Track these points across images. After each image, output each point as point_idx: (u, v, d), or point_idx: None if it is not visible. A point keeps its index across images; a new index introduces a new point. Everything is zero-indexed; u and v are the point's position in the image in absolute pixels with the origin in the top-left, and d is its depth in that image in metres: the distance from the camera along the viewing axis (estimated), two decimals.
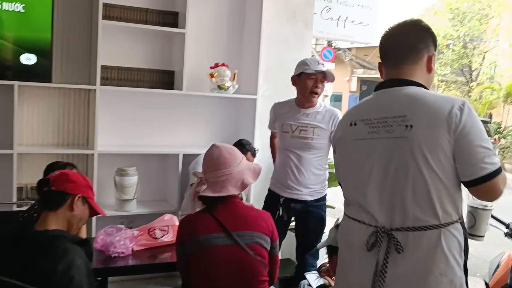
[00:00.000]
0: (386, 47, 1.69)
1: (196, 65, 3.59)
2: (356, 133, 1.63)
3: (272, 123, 3.19)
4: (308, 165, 2.91)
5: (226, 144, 2.03)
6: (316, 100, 2.97)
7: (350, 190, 1.69)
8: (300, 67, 2.93)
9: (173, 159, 3.56)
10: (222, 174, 1.92)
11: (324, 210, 3.03)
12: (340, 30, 4.68)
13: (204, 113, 3.83)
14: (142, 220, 3.32)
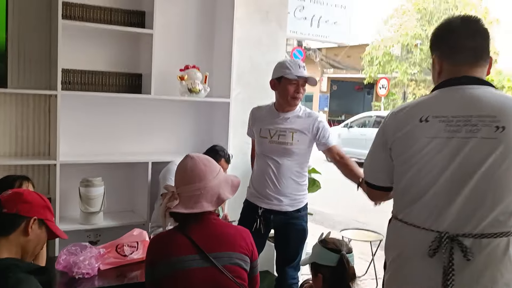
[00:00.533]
0: (461, 44, 1.59)
1: (165, 68, 3.40)
2: (429, 130, 1.52)
3: (249, 129, 3.03)
4: (288, 172, 2.76)
5: (201, 155, 1.86)
6: (298, 104, 2.82)
7: (410, 191, 1.57)
8: (279, 71, 2.76)
9: (142, 167, 3.36)
10: (196, 188, 1.75)
11: (305, 221, 2.88)
12: (313, 30, 4.56)
13: (175, 118, 3.64)
14: (109, 233, 3.14)
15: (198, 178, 1.75)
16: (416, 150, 1.53)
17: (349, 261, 1.86)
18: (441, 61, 1.63)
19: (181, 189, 1.76)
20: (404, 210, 1.59)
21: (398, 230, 1.61)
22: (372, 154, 1.74)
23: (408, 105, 1.65)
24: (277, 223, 2.82)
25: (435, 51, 1.67)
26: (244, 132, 3.75)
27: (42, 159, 3.09)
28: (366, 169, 1.79)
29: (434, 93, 1.62)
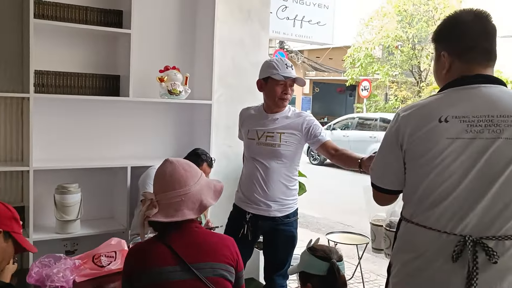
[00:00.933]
0: (476, 44, 1.55)
1: (143, 69, 3.28)
2: (450, 131, 1.46)
3: (239, 131, 2.94)
4: (276, 176, 2.66)
5: (181, 159, 1.75)
6: (286, 105, 2.72)
7: (431, 195, 1.50)
8: (266, 71, 2.66)
9: (121, 172, 3.23)
10: (177, 194, 1.64)
11: (295, 227, 2.78)
12: (296, 30, 4.48)
13: (154, 121, 3.52)
14: (87, 242, 3.01)
15: (178, 184, 1.65)
16: (437, 152, 1.47)
17: (340, 270, 1.77)
18: (452, 59, 1.58)
19: (161, 196, 1.65)
20: (423, 213, 1.52)
21: (414, 234, 1.55)
22: (382, 157, 1.66)
23: (419, 104, 1.57)
24: (265, 229, 2.72)
25: (445, 48, 1.60)
26: (227, 135, 3.68)
27: (15, 165, 2.94)
28: (375, 172, 1.70)
29: (448, 92, 1.56)
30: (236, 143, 3.50)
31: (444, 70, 1.60)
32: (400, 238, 1.64)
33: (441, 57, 1.60)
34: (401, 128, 1.55)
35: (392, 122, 1.61)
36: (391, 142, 1.59)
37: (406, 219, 1.60)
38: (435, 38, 1.65)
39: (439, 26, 1.65)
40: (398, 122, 1.57)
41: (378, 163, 1.69)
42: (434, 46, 1.68)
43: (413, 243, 1.56)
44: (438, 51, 1.63)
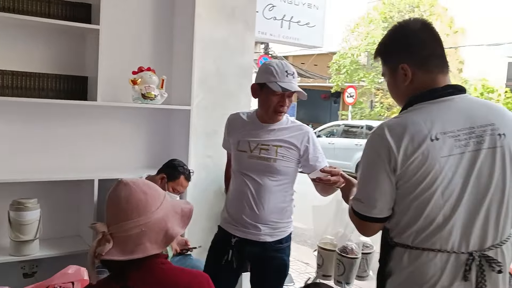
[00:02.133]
0: (432, 51, 1.53)
1: (114, 70, 2.96)
2: (442, 148, 1.42)
3: (225, 140, 2.57)
4: (270, 195, 2.31)
5: (138, 180, 1.43)
6: (282, 118, 2.39)
7: (437, 218, 1.44)
8: (263, 75, 2.30)
9: (87, 186, 2.88)
10: (136, 224, 1.32)
11: (287, 254, 2.44)
12: (284, 31, 4.18)
13: (126, 128, 3.18)
14: (49, 264, 2.69)
15: (137, 212, 1.33)
16: (436, 173, 1.41)
17: None
18: (413, 70, 1.53)
19: (115, 228, 1.33)
20: (429, 237, 1.45)
21: (425, 260, 1.46)
22: (372, 184, 1.49)
23: (401, 123, 1.46)
24: (252, 255, 2.38)
25: (403, 59, 1.54)
26: (207, 144, 3.35)
27: None
28: (367, 201, 1.51)
29: (421, 106, 1.50)
30: (218, 153, 3.18)
31: (406, 82, 1.54)
32: (405, 269, 1.48)
33: (399, 70, 1.54)
34: (392, 150, 1.43)
35: (375, 145, 1.48)
36: (381, 167, 1.46)
37: (407, 245, 1.48)
38: (389, 50, 1.60)
39: (389, 38, 1.62)
40: (386, 145, 1.44)
41: (366, 190, 1.52)
42: (385, 60, 1.62)
43: (424, 272, 1.45)
44: (394, 64, 1.56)
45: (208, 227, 3.30)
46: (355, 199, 1.54)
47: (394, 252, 1.51)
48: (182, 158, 2.99)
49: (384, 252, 1.57)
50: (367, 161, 1.51)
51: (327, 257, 2.14)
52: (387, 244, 1.54)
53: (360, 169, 1.52)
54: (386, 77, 1.66)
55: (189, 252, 2.90)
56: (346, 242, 2.07)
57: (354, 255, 1.98)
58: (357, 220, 1.56)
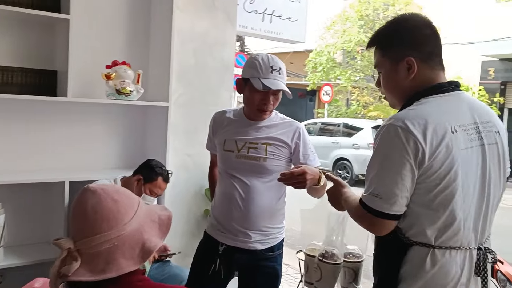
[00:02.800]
0: (437, 45, 1.54)
1: (86, 64, 2.77)
2: (460, 141, 1.42)
3: (210, 140, 2.37)
4: (260, 197, 2.13)
5: (108, 186, 1.25)
6: (267, 117, 2.21)
7: (459, 215, 1.43)
8: (247, 70, 2.13)
9: (57, 188, 2.68)
10: (106, 239, 1.15)
11: (279, 263, 2.26)
12: (265, 25, 4.02)
13: (99, 126, 2.98)
14: (16, 273, 2.51)
15: (107, 224, 1.15)
16: (458, 167, 1.40)
17: None
18: (418, 64, 1.50)
19: (82, 244, 1.14)
20: (453, 235, 1.43)
21: (445, 258, 1.43)
22: (399, 178, 1.39)
23: (420, 115, 1.42)
24: (242, 264, 2.21)
25: (410, 53, 1.50)
26: (186, 142, 3.18)
27: None
28: (387, 197, 1.40)
29: (432, 99, 1.47)
30: (197, 151, 3.02)
31: (410, 76, 1.51)
32: (428, 270, 1.42)
33: (403, 63, 1.50)
34: (419, 142, 1.37)
35: (398, 137, 1.38)
36: (406, 161, 1.38)
37: (429, 245, 1.42)
38: (392, 42, 1.54)
39: (392, 29, 1.56)
40: (411, 137, 1.38)
41: (387, 186, 1.41)
42: (386, 51, 1.56)
43: (448, 271, 1.43)
44: (398, 56, 1.52)
45: (188, 231, 3.13)
46: (371, 195, 1.42)
47: (411, 253, 1.44)
48: (159, 158, 2.82)
49: (394, 254, 1.47)
50: (387, 155, 1.41)
51: (310, 263, 1.99)
52: (402, 245, 1.45)
53: (378, 163, 1.42)
54: (383, 70, 1.58)
55: (168, 258, 2.72)
56: (328, 247, 1.92)
57: (334, 261, 1.83)
58: (369, 219, 1.43)
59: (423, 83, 1.50)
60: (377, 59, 1.59)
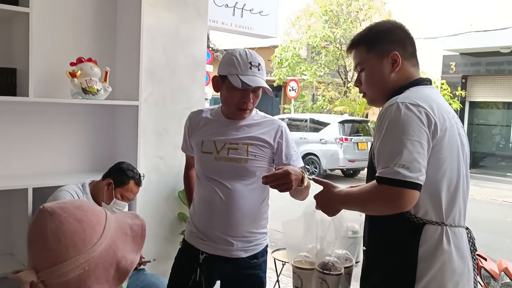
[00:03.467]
0: (415, 48, 1.65)
1: (49, 61, 2.60)
2: (455, 127, 1.53)
3: (186, 142, 2.23)
4: (242, 202, 2.00)
5: (67, 203, 1.07)
6: (247, 116, 2.09)
7: (454, 192, 1.50)
8: (224, 67, 2.00)
9: (19, 196, 2.50)
10: (75, 265, 0.99)
11: (264, 270, 2.14)
12: (236, 20, 3.89)
13: (65, 127, 2.80)
14: None
15: (73, 248, 0.99)
16: (459, 145, 1.52)
17: None
18: (403, 60, 1.59)
19: (47, 274, 0.99)
20: (458, 215, 1.52)
21: (457, 236, 1.50)
22: (420, 146, 1.40)
23: (421, 96, 1.50)
24: (224, 274, 2.09)
25: (398, 49, 1.59)
26: (158, 143, 3.03)
27: None
28: (413, 166, 1.37)
29: (419, 88, 1.56)
30: (170, 153, 2.88)
31: (396, 70, 1.58)
32: (446, 250, 1.45)
33: (388, 59, 1.58)
34: (431, 115, 1.44)
35: (411, 111, 1.43)
36: (423, 131, 1.42)
37: (441, 223, 1.47)
38: (380, 38, 1.61)
39: (379, 27, 1.65)
40: (423, 110, 1.44)
41: (410, 155, 1.38)
42: (372, 47, 1.61)
43: (461, 249, 1.49)
44: (384, 51, 1.59)
45: (162, 236, 2.99)
46: (397, 166, 1.36)
47: (426, 233, 1.46)
48: (130, 160, 2.67)
49: (408, 236, 1.47)
50: (404, 127, 1.41)
51: (306, 277, 1.85)
52: (414, 226, 1.46)
53: (394, 137, 1.41)
54: (367, 66, 1.63)
55: (143, 266, 2.57)
56: (325, 257, 1.81)
57: (337, 271, 1.73)
58: (396, 192, 1.37)
59: (406, 78, 1.59)
60: (360, 57, 1.65)
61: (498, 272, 2.44)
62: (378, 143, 1.46)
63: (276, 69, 18.76)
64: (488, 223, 7.35)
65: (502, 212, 8.72)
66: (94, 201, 2.48)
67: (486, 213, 7.85)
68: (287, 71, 18.14)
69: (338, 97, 17.70)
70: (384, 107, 1.49)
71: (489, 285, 2.43)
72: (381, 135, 1.44)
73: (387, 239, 1.53)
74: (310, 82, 18.54)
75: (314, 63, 18.45)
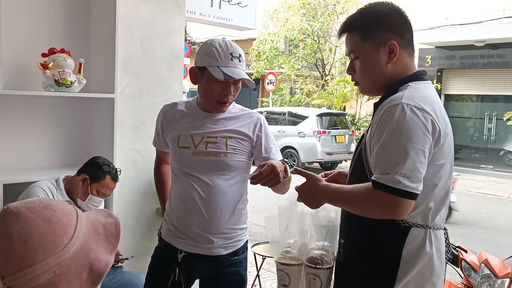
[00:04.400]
0: (412, 34, 1.55)
1: (19, 52, 2.49)
2: (449, 127, 1.47)
3: (158, 137, 2.14)
4: (222, 197, 1.94)
5: (34, 202, 0.98)
6: (227, 109, 2.02)
7: (444, 196, 1.48)
8: (204, 58, 1.92)
9: None
10: (44, 269, 0.91)
11: (244, 267, 2.10)
12: (214, 11, 3.82)
13: (37, 121, 2.69)
14: None
15: (42, 251, 0.91)
16: (452, 148, 1.48)
17: None
18: (400, 49, 1.49)
19: (14, 279, 0.91)
20: (443, 217, 1.51)
21: (438, 238, 1.48)
22: (423, 155, 1.35)
23: (425, 97, 1.43)
24: (204, 273, 2.03)
25: (395, 37, 1.49)
26: (135, 137, 2.95)
27: None
28: (413, 175, 1.32)
29: (423, 85, 1.49)
30: (147, 147, 2.80)
31: (393, 60, 1.48)
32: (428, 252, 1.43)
33: (384, 48, 1.48)
34: (436, 122, 1.39)
35: (417, 116, 1.36)
36: (427, 139, 1.37)
37: (426, 225, 1.44)
38: (375, 26, 1.49)
39: (372, 14, 1.52)
40: (429, 117, 1.38)
41: (414, 165, 1.33)
42: (367, 36, 1.50)
43: (440, 251, 1.48)
44: (380, 40, 1.49)
45: (140, 232, 2.92)
46: (398, 175, 1.31)
47: (411, 235, 1.43)
48: (106, 154, 2.58)
49: (394, 238, 1.44)
50: (409, 133, 1.34)
51: (294, 274, 1.78)
52: (401, 229, 1.43)
53: (397, 142, 1.35)
54: (362, 55, 1.53)
55: (120, 264, 2.50)
56: (312, 251, 1.76)
57: (328, 264, 1.68)
58: (392, 201, 1.32)
59: (403, 69, 1.51)
60: (354, 44, 1.53)
61: (479, 264, 2.46)
62: (377, 144, 1.39)
63: (254, 62, 18.69)
64: (464, 214, 7.46)
65: (476, 203, 8.88)
66: (69, 197, 2.40)
67: (462, 204, 7.97)
68: (265, 64, 18.10)
69: (316, 90, 17.73)
70: (385, 105, 1.41)
71: (470, 277, 2.44)
72: (382, 136, 1.37)
73: (370, 237, 1.50)
74: (288, 75, 18.53)
75: (292, 56, 18.44)
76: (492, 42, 12.94)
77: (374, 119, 1.45)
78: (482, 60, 13.82)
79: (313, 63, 18.30)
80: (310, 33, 17.23)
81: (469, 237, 6.14)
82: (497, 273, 2.42)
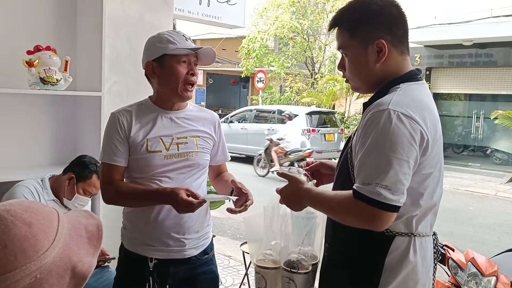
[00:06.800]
0: (406, 28, 1.45)
1: (4, 49, 2.48)
2: (439, 132, 1.41)
3: (116, 149, 1.89)
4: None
5: (14, 205, 0.94)
6: (191, 95, 1.98)
7: (432, 200, 1.42)
8: (157, 49, 1.87)
9: None
10: (25, 274, 0.88)
11: (215, 264, 2.07)
12: (203, 9, 3.80)
13: (22, 119, 2.67)
14: None
15: (23, 256, 0.89)
16: (439, 154, 1.42)
17: None
18: (390, 48, 1.41)
19: None
20: (428, 224, 1.45)
21: (424, 246, 1.44)
22: (407, 167, 1.29)
23: (415, 103, 1.36)
24: (177, 277, 1.95)
25: (381, 35, 1.40)
26: None
27: None
28: (395, 188, 1.27)
29: (417, 87, 1.42)
30: None
31: (380, 61, 1.41)
32: (412, 261, 1.39)
33: (373, 46, 1.40)
34: (425, 132, 1.32)
35: (404, 126, 1.29)
36: (413, 151, 1.30)
37: (410, 233, 1.39)
38: (362, 23, 1.41)
39: (360, 9, 1.43)
40: (417, 127, 1.31)
41: (394, 176, 1.27)
42: (354, 33, 1.43)
43: (425, 258, 1.44)
44: (368, 38, 1.41)
45: None
46: (378, 186, 1.26)
47: (395, 244, 1.39)
48: (93, 153, 2.56)
49: (377, 247, 1.40)
50: (394, 143, 1.27)
51: (270, 278, 1.72)
52: (385, 237, 1.38)
53: (381, 152, 1.28)
54: (350, 53, 1.46)
55: (107, 263, 2.48)
56: (291, 255, 1.71)
57: (305, 269, 1.64)
58: (372, 213, 1.27)
59: (394, 69, 1.43)
60: (342, 41, 1.47)
61: (465, 262, 2.47)
62: (361, 151, 1.33)
63: (244, 60, 18.67)
64: (452, 212, 7.52)
65: (464, 201, 8.95)
66: (55, 196, 2.38)
67: (450, 202, 8.03)
68: (255, 62, 18.08)
69: (306, 89, 17.75)
70: (371, 110, 1.34)
71: (457, 276, 2.45)
72: (366, 144, 1.31)
73: (354, 243, 1.45)
74: (277, 73, 18.54)
75: (281, 54, 18.45)
76: (480, 42, 13.04)
77: (361, 123, 1.39)
78: (470, 59, 13.92)
79: (302, 61, 18.31)
80: (300, 31, 17.25)
81: (456, 235, 6.19)
82: (484, 271, 2.43)
